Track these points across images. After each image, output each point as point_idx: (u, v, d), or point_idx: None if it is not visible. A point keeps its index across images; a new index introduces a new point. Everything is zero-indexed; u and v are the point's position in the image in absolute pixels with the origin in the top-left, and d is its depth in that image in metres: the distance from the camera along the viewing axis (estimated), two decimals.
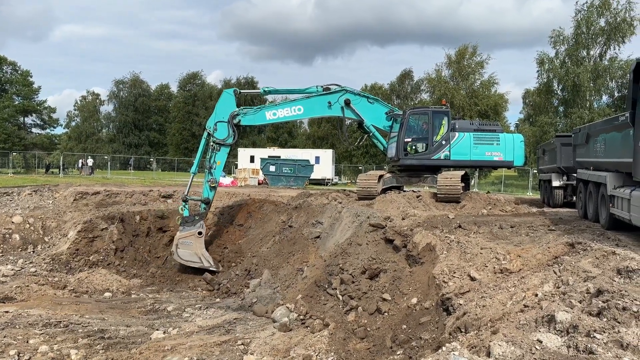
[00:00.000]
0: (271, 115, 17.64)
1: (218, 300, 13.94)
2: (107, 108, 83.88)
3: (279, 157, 40.64)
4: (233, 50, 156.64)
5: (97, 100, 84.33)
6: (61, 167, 43.47)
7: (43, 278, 14.91)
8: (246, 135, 70.73)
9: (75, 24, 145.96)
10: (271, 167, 35.73)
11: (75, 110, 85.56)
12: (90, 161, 47.68)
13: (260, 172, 36.74)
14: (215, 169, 16.84)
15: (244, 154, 45.67)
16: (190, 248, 16.31)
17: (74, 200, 20.35)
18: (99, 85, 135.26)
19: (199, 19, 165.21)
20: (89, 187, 22.79)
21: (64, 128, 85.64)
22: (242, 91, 18.30)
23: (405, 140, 17.88)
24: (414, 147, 18.00)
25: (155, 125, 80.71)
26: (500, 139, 18.66)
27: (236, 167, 44.47)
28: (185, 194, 16.83)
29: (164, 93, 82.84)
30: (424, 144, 17.99)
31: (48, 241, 18.17)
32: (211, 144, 16.75)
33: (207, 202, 16.88)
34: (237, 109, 17.35)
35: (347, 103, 18.04)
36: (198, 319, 11.81)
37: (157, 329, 10.94)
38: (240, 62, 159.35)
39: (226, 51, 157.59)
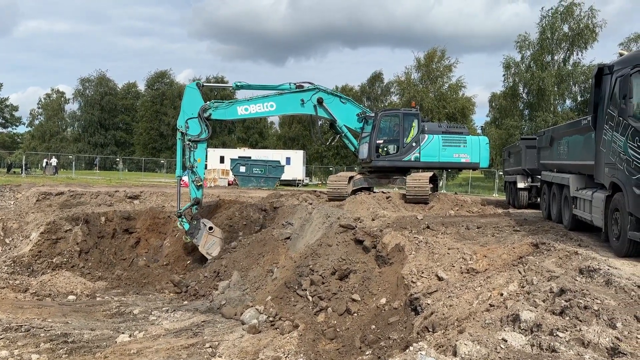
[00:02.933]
0: (243, 111, 17.32)
1: (186, 302, 13.73)
2: (72, 106, 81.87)
3: (250, 157, 40.40)
4: (203, 49, 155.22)
5: (62, 99, 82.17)
6: (24, 167, 42.10)
7: (3, 281, 14.42)
8: (216, 136, 70.01)
9: (40, 19, 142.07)
10: (241, 167, 35.47)
11: (39, 108, 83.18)
12: (54, 161, 46.36)
13: (230, 173, 36.44)
14: (197, 167, 16.44)
15: (213, 154, 45.19)
16: (217, 245, 16.16)
17: (37, 200, 19.75)
18: (65, 83, 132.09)
19: (168, 16, 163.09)
20: (53, 187, 22.16)
21: (27, 127, 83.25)
22: (207, 84, 18.00)
23: (377, 141, 18.11)
24: (385, 149, 18.22)
25: (122, 124, 79.11)
26: (467, 141, 19.16)
27: (205, 168, 43.97)
28: (179, 209, 16.32)
29: (131, 92, 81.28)
30: (395, 146, 18.28)
31: (9, 243, 17.57)
32: (187, 142, 16.29)
33: (198, 202, 16.48)
34: (208, 102, 16.95)
35: (320, 102, 18.03)
36: (165, 322, 11.61)
37: (123, 333, 10.72)
38: (211, 60, 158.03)
39: (196, 49, 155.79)
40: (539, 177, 15.90)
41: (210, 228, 16.17)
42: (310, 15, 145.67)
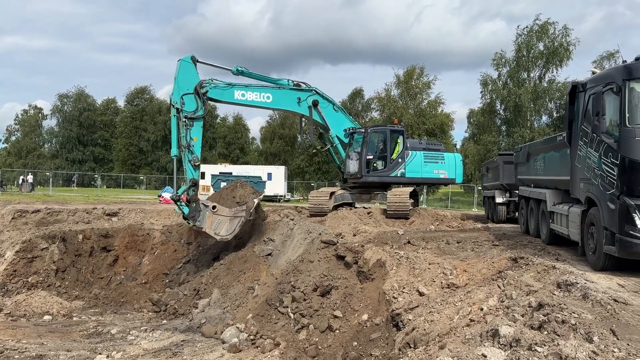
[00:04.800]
0: (239, 96, 16.77)
1: (165, 321, 13.52)
2: (49, 122, 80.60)
3: (231, 173, 40.17)
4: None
5: (40, 115, 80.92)
6: None
7: None
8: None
9: (17, 35, 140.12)
10: (222, 183, 35.20)
11: (16, 124, 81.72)
12: (30, 178, 45.49)
13: (211, 189, 36.17)
14: (193, 146, 15.44)
15: None
16: (223, 223, 15.34)
17: (13, 218, 19.32)
18: (43, 99, 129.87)
19: (148, 32, 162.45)
20: (29, 204, 21.74)
21: (3, 143, 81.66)
22: (204, 62, 16.39)
23: (368, 157, 18.37)
24: (374, 165, 18.48)
25: (101, 140, 78.11)
26: (444, 157, 19.89)
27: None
28: (176, 192, 15.23)
29: (110, 107, 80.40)
30: (383, 162, 18.66)
31: None
32: (183, 120, 15.27)
33: (195, 184, 15.47)
34: (207, 79, 16.16)
35: (315, 104, 17.99)
36: (143, 342, 11.40)
37: (100, 353, 10.49)
38: None
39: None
40: (517, 192, 16.14)
41: (214, 207, 15.25)
42: (292, 32, 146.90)
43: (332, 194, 18.97)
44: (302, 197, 48.16)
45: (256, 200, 16.15)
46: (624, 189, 7.88)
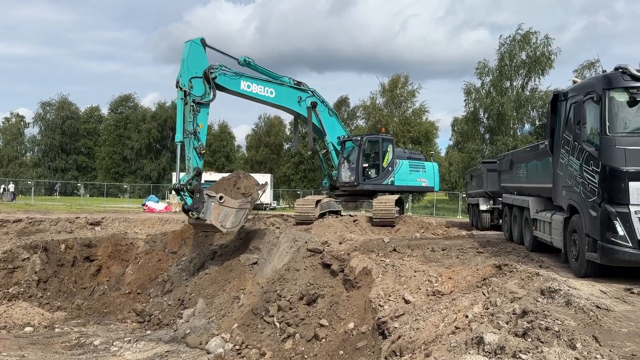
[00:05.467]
0: (245, 87, 16.22)
1: (149, 332, 13.36)
2: (32, 131, 79.62)
3: (216, 181, 39.95)
4: (169, 73, 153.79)
5: (22, 123, 79.89)
6: None
7: None
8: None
9: (0, 42, 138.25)
10: None
11: None
12: (11, 187, 44.78)
13: None
14: (199, 133, 14.59)
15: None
16: (229, 215, 14.60)
17: None
18: (25, 107, 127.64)
19: (132, 40, 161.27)
20: (10, 214, 21.41)
21: None
22: (212, 47, 15.49)
23: (364, 165, 18.71)
24: (369, 173, 18.88)
25: (84, 148, 77.33)
26: (425, 166, 20.63)
27: (170, 192, 43.25)
28: (179, 181, 14.14)
29: (94, 115, 79.71)
30: (376, 170, 18.99)
31: None
32: (190, 104, 14.40)
33: (199, 173, 14.53)
34: (215, 64, 15.43)
35: (314, 106, 17.95)
36: (127, 353, 11.25)
37: None
38: None
39: (162, 73, 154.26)
40: (501, 199, 16.30)
41: (221, 198, 14.45)
42: (278, 40, 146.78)
43: (318, 202, 18.98)
44: (288, 205, 48.08)
45: (260, 192, 15.71)
46: (605, 196, 8.01)
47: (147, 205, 34.00)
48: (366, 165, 18.78)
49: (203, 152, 14.59)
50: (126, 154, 69.82)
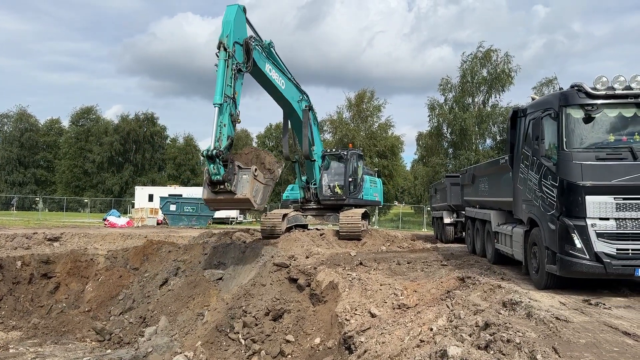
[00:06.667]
0: (268, 70, 15.31)
1: (109, 351, 12.95)
2: None
3: (181, 195, 39.40)
4: (134, 85, 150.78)
5: None
6: None
7: None
8: (145, 173, 67.96)
9: None
10: (172, 206, 34.49)
11: None
12: None
13: (160, 212, 35.30)
14: (236, 100, 13.61)
15: (141, 192, 43.72)
16: (259, 191, 13.31)
17: None
18: None
19: (96, 51, 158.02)
20: None
21: None
22: (247, 19, 14.31)
23: (349, 179, 19.09)
24: (350, 187, 19.24)
25: (43, 162, 75.03)
26: (376, 182, 21.66)
27: (133, 207, 42.37)
28: (217, 147, 12.59)
29: (54, 128, 77.56)
30: (354, 184, 19.41)
31: None
32: (231, 68, 13.38)
33: (232, 144, 13.34)
34: (254, 36, 14.46)
35: (309, 109, 17.45)
36: None
37: None
38: (141, 97, 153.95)
39: (126, 85, 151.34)
40: (464, 212, 16.60)
41: (256, 170, 13.23)
42: None
43: (284, 215, 18.90)
44: (254, 219, 47.71)
45: (280, 170, 14.61)
46: (563, 209, 8.25)
47: (108, 220, 33.15)
48: (351, 179, 19.26)
49: (238, 121, 13.66)
50: (87, 168, 68.07)
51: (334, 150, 20.41)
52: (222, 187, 12.75)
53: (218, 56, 13.31)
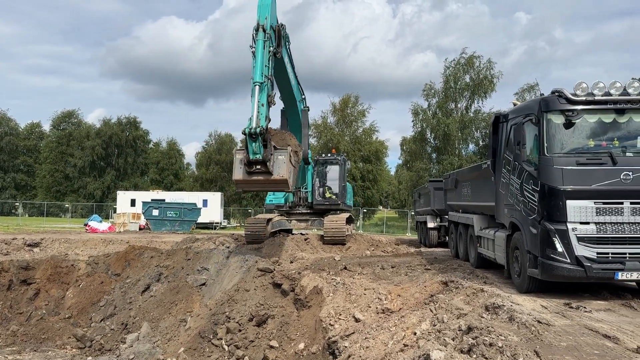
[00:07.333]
0: (287, 61, 15.00)
1: (90, 358, 12.77)
2: None
3: (164, 200, 39.05)
4: (116, 88, 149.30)
5: None
6: None
7: None
8: (127, 178, 67.23)
9: None
10: (154, 211, 34.13)
11: None
12: None
13: (142, 217, 34.92)
14: (273, 81, 13.35)
15: (123, 197, 43.22)
16: (292, 173, 12.97)
17: None
18: None
19: (78, 55, 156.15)
20: None
21: None
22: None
23: (343, 185, 19.54)
24: (342, 192, 19.63)
25: (23, 166, 73.82)
26: (349, 188, 21.87)
27: (114, 212, 41.86)
28: (258, 123, 12.11)
29: (34, 132, 76.39)
30: (344, 189, 19.83)
31: None
32: (268, 50, 13.12)
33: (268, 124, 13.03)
34: (282, 23, 14.16)
35: (306, 110, 17.00)
36: None
37: None
38: (124, 100, 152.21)
39: (108, 89, 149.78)
40: (447, 217, 16.72)
41: (292, 151, 12.89)
42: (230, 58, 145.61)
43: (269, 220, 18.83)
44: (239, 224, 47.48)
45: (301, 154, 14.36)
46: (544, 214, 8.35)
47: (89, 226, 32.67)
48: (344, 184, 19.64)
49: (273, 103, 13.38)
50: (68, 172, 67.08)
51: (329, 155, 20.66)
52: (258, 167, 12.39)
53: (255, 37, 13.11)
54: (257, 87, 12.59)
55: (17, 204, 56.33)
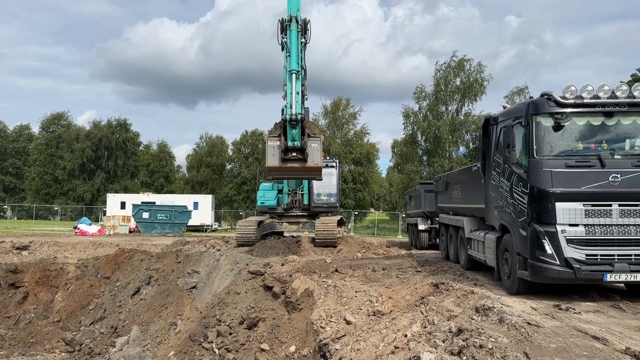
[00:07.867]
0: (303, 55, 14.74)
1: None
2: None
3: (154, 202, 38.83)
4: (107, 90, 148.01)
5: None
6: None
7: None
8: (117, 180, 66.81)
9: None
10: (144, 213, 33.96)
11: None
12: None
13: (132, 219, 34.72)
14: (306, 70, 13.45)
15: (113, 199, 42.93)
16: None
17: None
18: None
19: (68, 56, 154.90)
20: None
21: None
22: None
23: (339, 187, 19.86)
24: (340, 195, 20.30)
25: (12, 168, 73.19)
26: None
27: (104, 214, 41.59)
28: (295, 110, 12.13)
29: (23, 134, 75.77)
30: (338, 192, 20.03)
31: None
32: (300, 41, 13.26)
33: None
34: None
35: (307, 111, 17.06)
36: None
37: None
38: (114, 102, 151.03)
39: (99, 91, 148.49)
40: (438, 219, 16.77)
41: (324, 140, 13.05)
42: (221, 60, 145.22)
43: (260, 222, 18.81)
44: (230, 227, 47.33)
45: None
46: (534, 216, 8.41)
47: (79, 228, 32.45)
48: (339, 187, 20.01)
49: (305, 93, 13.61)
50: (58, 175, 66.51)
51: (327, 157, 20.77)
52: (294, 154, 12.50)
53: (289, 28, 13.40)
54: (293, 75, 12.80)
55: (6, 206, 55.78)
